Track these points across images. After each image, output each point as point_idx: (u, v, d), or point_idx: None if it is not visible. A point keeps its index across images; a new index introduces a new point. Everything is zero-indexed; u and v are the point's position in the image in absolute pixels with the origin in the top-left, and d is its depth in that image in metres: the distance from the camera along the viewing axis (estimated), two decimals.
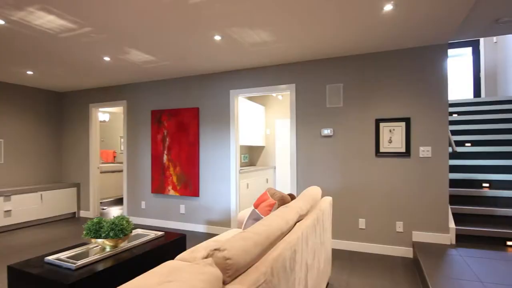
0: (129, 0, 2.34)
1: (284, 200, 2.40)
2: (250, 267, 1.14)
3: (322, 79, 3.83)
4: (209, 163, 4.50)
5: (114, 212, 6.01)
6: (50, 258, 2.26)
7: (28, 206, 4.83)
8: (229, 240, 1.11)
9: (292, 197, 2.63)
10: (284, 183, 6.25)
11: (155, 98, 4.93)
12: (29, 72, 4.39)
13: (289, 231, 1.68)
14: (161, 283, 0.83)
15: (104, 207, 6.41)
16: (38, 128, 5.46)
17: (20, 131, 5.19)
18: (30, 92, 5.36)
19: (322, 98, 3.83)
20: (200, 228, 4.56)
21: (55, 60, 3.83)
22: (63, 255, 2.34)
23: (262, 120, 6.19)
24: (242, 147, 6.15)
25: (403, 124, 3.47)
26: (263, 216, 2.24)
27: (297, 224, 1.84)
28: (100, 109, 6.30)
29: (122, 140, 7.62)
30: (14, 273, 2.17)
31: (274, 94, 5.56)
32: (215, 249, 1.02)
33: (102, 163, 6.76)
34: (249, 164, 6.42)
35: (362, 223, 3.64)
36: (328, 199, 2.76)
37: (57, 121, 5.80)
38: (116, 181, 6.78)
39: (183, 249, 2.99)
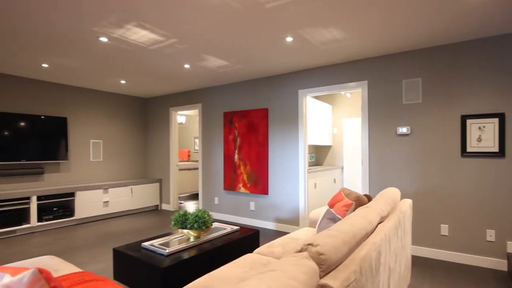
0: (209, 12, 2.54)
1: (360, 200, 2.34)
2: (339, 264, 1.17)
3: (398, 74, 3.61)
4: (278, 163, 4.59)
5: (190, 206, 6.54)
6: (146, 244, 2.59)
7: (121, 198, 5.56)
8: (319, 236, 1.15)
9: (368, 198, 2.55)
10: (353, 184, 6.04)
11: (227, 100, 5.22)
12: (122, 81, 5.05)
13: (372, 232, 1.66)
14: (246, 273, 0.91)
15: (182, 202, 7.02)
16: (127, 130, 6.24)
17: (114, 133, 6.00)
18: (122, 98, 6.15)
19: (397, 95, 3.61)
20: (269, 225, 4.69)
21: (143, 70, 4.34)
22: (155, 242, 2.66)
23: (329, 119, 6.07)
24: (309, 146, 6.12)
25: (495, 120, 3.08)
26: (339, 216, 2.22)
27: (379, 225, 1.79)
28: (179, 112, 6.91)
29: (195, 140, 8.23)
30: (118, 254, 2.54)
31: (342, 92, 5.41)
32: (309, 244, 1.07)
33: (180, 161, 7.41)
34: (315, 163, 6.36)
35: (444, 229, 3.33)
36: (408, 202, 2.60)
37: (143, 123, 6.54)
38: (191, 178, 7.36)
39: (256, 243, 3.13)
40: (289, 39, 3.13)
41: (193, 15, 2.61)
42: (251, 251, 3.02)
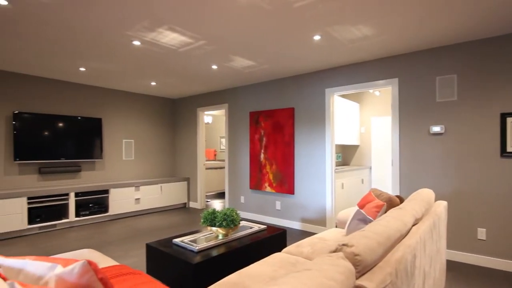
0: (238, 13, 2.57)
1: (392, 201, 2.28)
2: (373, 266, 1.15)
3: (431, 71, 3.47)
4: (304, 162, 4.56)
5: (217, 204, 6.65)
6: (177, 240, 2.67)
7: (152, 196, 5.77)
8: (353, 237, 1.14)
9: (400, 199, 2.48)
10: (381, 184, 5.87)
11: (253, 100, 5.26)
12: (153, 83, 5.23)
13: (406, 234, 1.61)
14: (276, 272, 0.91)
15: (208, 200, 7.16)
16: (157, 130, 6.46)
17: (145, 133, 6.23)
18: (151, 100, 6.37)
19: (430, 92, 3.47)
20: (295, 225, 4.67)
21: (173, 72, 4.47)
22: (186, 238, 2.74)
23: (356, 118, 5.94)
24: (335, 146, 6.02)
25: None
26: (370, 217, 2.18)
27: (414, 227, 1.74)
28: (205, 112, 7.04)
29: (221, 140, 8.36)
30: (151, 249, 2.64)
31: (371, 91, 5.26)
32: (343, 244, 1.06)
33: (207, 160, 7.55)
34: (342, 163, 6.24)
35: (481, 233, 3.16)
36: (443, 204, 2.50)
37: (171, 124, 6.74)
38: (217, 176, 7.49)
39: (283, 243, 3.13)
40: (316, 37, 3.10)
41: (222, 17, 2.65)
42: (278, 250, 3.03)
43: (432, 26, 2.84)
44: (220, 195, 7.87)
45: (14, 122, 4.39)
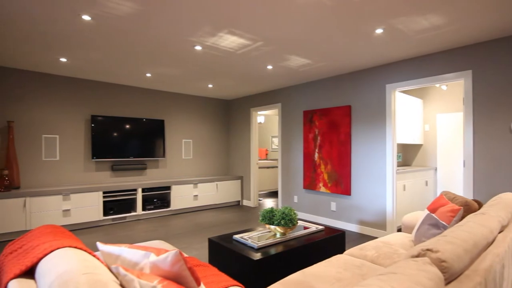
0: (297, 11, 2.57)
1: (469, 206, 2.08)
2: (460, 274, 1.06)
3: None
4: (362, 162, 4.38)
5: (269, 203, 6.72)
6: (237, 236, 2.76)
7: (208, 193, 6.04)
8: (437, 242, 1.07)
9: (478, 203, 2.25)
10: (449, 187, 5.38)
11: (306, 98, 5.20)
12: (210, 85, 5.47)
13: (492, 242, 1.46)
14: (341, 273, 0.88)
15: (260, 199, 7.27)
16: (212, 130, 6.74)
17: (201, 133, 6.54)
18: (208, 101, 6.67)
19: (511, 85, 3.09)
20: (352, 227, 4.51)
21: (229, 73, 4.62)
22: (245, 235, 2.81)
23: (419, 115, 5.52)
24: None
25: None
26: (443, 222, 2.01)
27: (500, 235, 1.57)
28: (258, 112, 7.16)
29: (272, 139, 8.42)
30: (213, 244, 2.76)
31: (437, 85, 4.85)
32: (427, 249, 1.00)
33: (259, 159, 7.67)
34: (402, 164, 5.86)
35: None
36: None
37: (225, 124, 6.98)
38: (269, 175, 7.56)
39: (342, 245, 3.04)
40: (379, 31, 2.96)
41: (281, 17, 2.67)
42: (337, 252, 2.96)
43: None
44: (272, 194, 7.93)
45: (92, 125, 4.93)
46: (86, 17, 2.66)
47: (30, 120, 4.51)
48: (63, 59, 3.89)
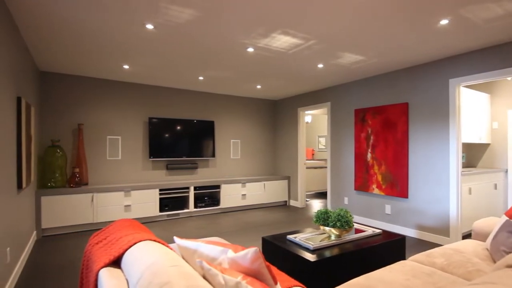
0: (353, 6, 2.48)
1: None
2: None
3: None
4: (421, 163, 4.10)
5: (316, 204, 6.60)
6: (291, 236, 2.74)
7: (256, 192, 6.11)
8: None
9: None
10: None
11: (358, 97, 5.01)
12: (258, 86, 5.53)
13: None
14: (409, 280, 0.81)
15: (308, 199, 7.17)
16: (260, 130, 6.81)
17: (249, 133, 6.64)
18: (255, 102, 6.76)
19: None
20: (409, 232, 4.24)
21: (278, 74, 4.63)
22: (298, 236, 2.78)
23: (486, 111, 5.02)
24: None
25: None
26: None
27: None
28: (306, 112, 7.08)
29: (319, 139, 8.26)
30: (266, 243, 2.78)
31: (509, 78, 4.34)
32: None
33: (306, 159, 7.58)
34: (466, 165, 5.37)
35: None
36: None
37: (272, 124, 7.01)
38: (317, 176, 7.43)
39: (402, 251, 2.87)
40: (443, 21, 2.74)
41: (335, 13, 2.60)
42: (396, 258, 2.81)
43: None
44: (319, 195, 7.77)
45: (149, 126, 5.27)
46: (149, 26, 2.84)
47: (96, 122, 4.96)
48: (125, 66, 4.21)
